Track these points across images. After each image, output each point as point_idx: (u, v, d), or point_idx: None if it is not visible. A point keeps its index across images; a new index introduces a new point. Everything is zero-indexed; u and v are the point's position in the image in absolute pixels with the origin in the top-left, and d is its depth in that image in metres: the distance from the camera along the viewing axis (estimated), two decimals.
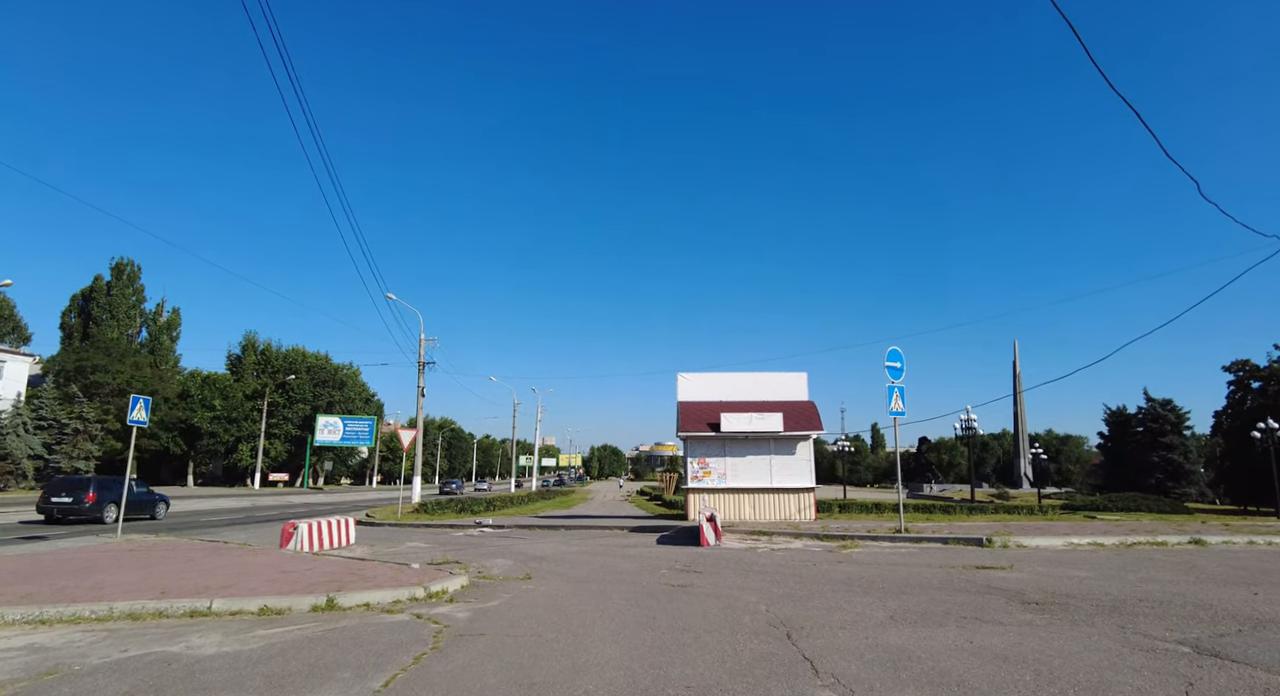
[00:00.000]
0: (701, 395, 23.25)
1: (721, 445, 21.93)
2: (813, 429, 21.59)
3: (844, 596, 8.91)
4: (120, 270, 75.82)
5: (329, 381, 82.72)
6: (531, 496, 46.81)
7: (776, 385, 23.28)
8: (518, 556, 13.84)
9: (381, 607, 8.24)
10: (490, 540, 17.55)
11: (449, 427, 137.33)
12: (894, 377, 16.10)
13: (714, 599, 8.84)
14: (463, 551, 14.86)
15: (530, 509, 33.78)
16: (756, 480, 21.66)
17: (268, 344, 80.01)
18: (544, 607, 8.38)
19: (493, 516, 27.18)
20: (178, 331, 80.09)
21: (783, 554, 13.59)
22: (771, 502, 21.59)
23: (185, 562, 11.37)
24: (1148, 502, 32.40)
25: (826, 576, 10.65)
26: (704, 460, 21.89)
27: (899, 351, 16.24)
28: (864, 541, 15.29)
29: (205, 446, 67.93)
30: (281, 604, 7.90)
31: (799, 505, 21.54)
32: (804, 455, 21.84)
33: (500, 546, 15.89)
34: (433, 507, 29.38)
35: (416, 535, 19.33)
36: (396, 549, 15.75)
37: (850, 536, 15.78)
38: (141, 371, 58.46)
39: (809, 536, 16.25)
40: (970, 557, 12.55)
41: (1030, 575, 10.47)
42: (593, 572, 11.47)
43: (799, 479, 21.66)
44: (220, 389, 69.38)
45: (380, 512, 27.82)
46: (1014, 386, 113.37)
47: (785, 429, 21.33)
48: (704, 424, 21.80)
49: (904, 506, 26.60)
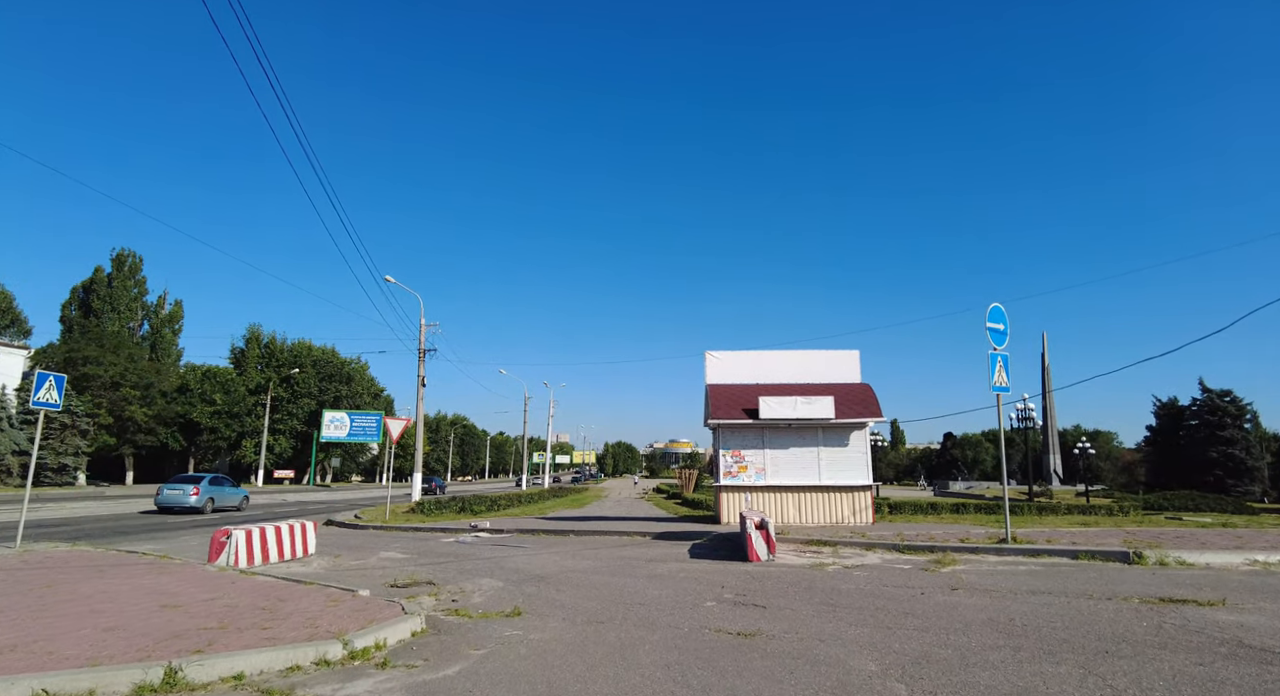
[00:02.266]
0: (734, 376, 19.84)
1: (760, 435, 18.52)
2: (869, 415, 18.12)
3: (1013, 662, 5.51)
4: (121, 261, 73.64)
5: (336, 376, 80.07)
6: (543, 494, 43.64)
7: (823, 365, 19.81)
8: (511, 575, 10.58)
9: (258, 685, 4.97)
10: (483, 549, 14.32)
11: (461, 424, 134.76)
12: (996, 343, 12.59)
13: (805, 664, 5.49)
14: (443, 567, 11.63)
15: (539, 508, 30.59)
16: (802, 476, 18.23)
17: (272, 337, 77.43)
18: (531, 679, 5.09)
19: (495, 517, 23.98)
20: (180, 324, 77.92)
21: (863, 574, 10.20)
22: (820, 503, 18.16)
23: (43, 590, 8.19)
24: (1207, 502, 28.63)
25: (953, 616, 7.25)
26: (739, 453, 18.50)
27: (1001, 309, 12.73)
28: (962, 555, 11.80)
29: (205, 442, 65.39)
30: (76, 686, 4.62)
31: (854, 506, 18.09)
32: (858, 447, 18.38)
33: (493, 559, 12.63)
34: (430, 507, 26.26)
35: (398, 541, 16.15)
36: (364, 561, 12.56)
37: (939, 547, 12.28)
38: (136, 364, 55.96)
39: (884, 547, 12.79)
40: (1134, 583, 9.07)
41: (1272, 619, 6.98)
42: (609, 605, 8.15)
43: (853, 475, 18.20)
44: (221, 383, 66.83)
45: (369, 513, 24.73)
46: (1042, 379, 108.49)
47: (837, 415, 17.88)
48: (738, 410, 18.41)
49: (936, 506, 23.18)
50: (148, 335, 74.30)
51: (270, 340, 77.21)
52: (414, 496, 32.40)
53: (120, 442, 55.49)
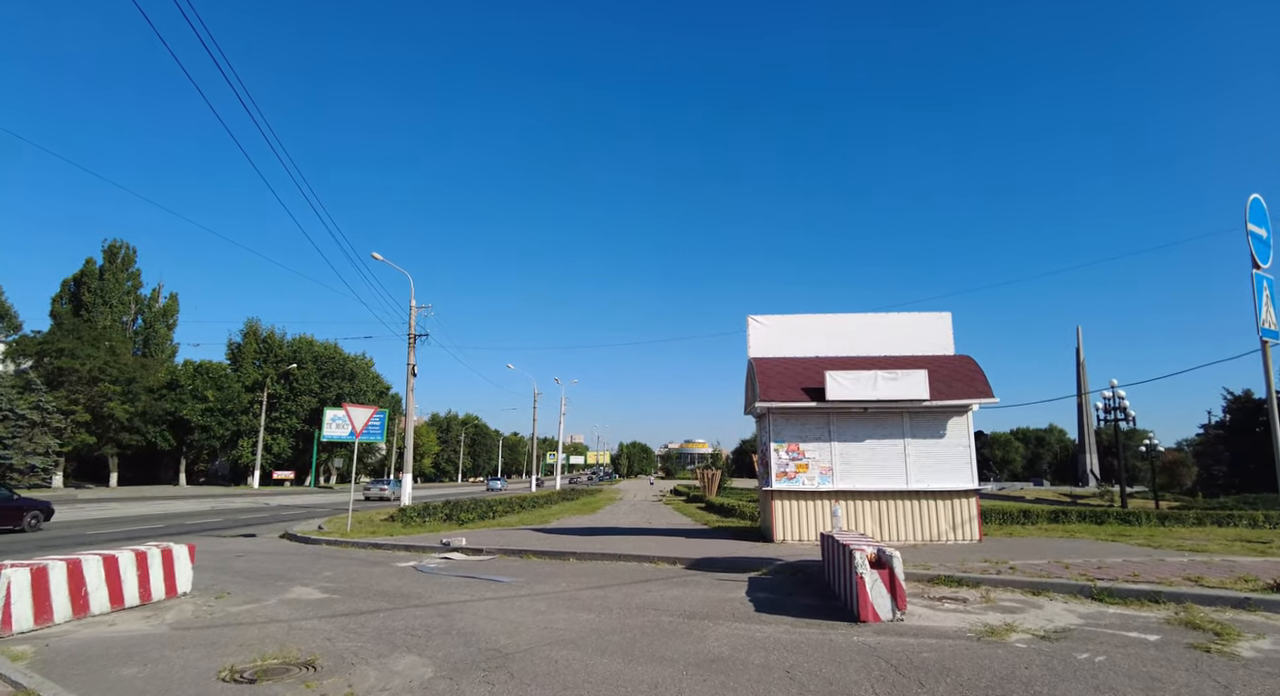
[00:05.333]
0: (786, 347, 15.23)
1: (824, 423, 13.90)
2: (974, 396, 13.45)
3: None
4: (114, 253, 70.36)
5: (338, 372, 76.23)
6: (551, 497, 39.23)
7: (902, 331, 15.13)
8: (455, 647, 6.11)
9: None
10: (441, 585, 9.85)
11: (473, 424, 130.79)
12: (1259, 258, 7.84)
13: None
14: (358, 624, 7.18)
15: (541, 515, 26.19)
16: (883, 478, 13.59)
17: (271, 331, 73.70)
18: None
19: (483, 528, 19.57)
20: (175, 319, 74.62)
21: (1086, 657, 5.60)
22: (909, 514, 13.51)
23: None
24: None
25: None
26: (796, 447, 13.88)
27: (1262, 203, 7.98)
28: (1220, 609, 7.12)
29: (197, 441, 61.72)
30: None
31: (954, 517, 13.42)
32: (959, 438, 13.72)
33: (443, 608, 8.16)
34: (413, 515, 21.96)
35: (335, 568, 11.75)
36: (253, 608, 8.17)
37: (1167, 594, 7.58)
38: (118, 358, 52.29)
39: (1060, 589, 8.06)
40: None
41: None
42: None
43: (952, 475, 13.54)
44: (214, 379, 63.16)
45: (333, 524, 20.46)
46: (1077, 376, 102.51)
47: (931, 396, 13.24)
48: (796, 389, 13.80)
49: (1030, 513, 17.95)
50: (140, 330, 71.03)
51: (269, 335, 73.51)
52: (403, 500, 28.27)
53: (102, 442, 51.88)
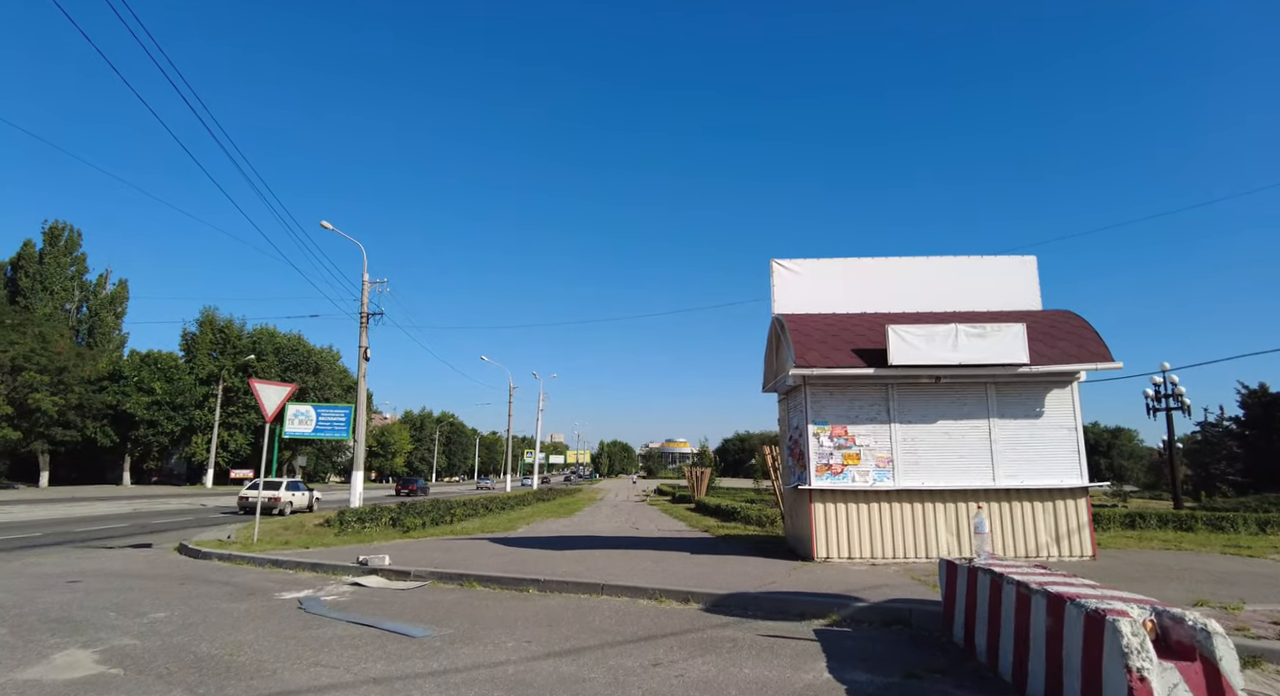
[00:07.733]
0: (827, 300, 11.60)
1: (883, 397, 10.30)
2: (1088, 359, 9.94)
3: None
4: (55, 235, 65.14)
5: (301, 365, 71.41)
6: (524, 497, 35.42)
7: (971, 281, 11.58)
8: None
9: None
10: (311, 646, 6.10)
11: (448, 421, 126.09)
12: None
13: None
14: None
15: (509, 520, 22.42)
16: (961, 472, 10.03)
17: (229, 321, 68.75)
18: None
19: (435, 536, 15.78)
20: (124, 307, 69.41)
21: None
22: (996, 521, 9.96)
23: None
24: None
25: None
26: (844, 430, 10.26)
27: None
28: None
29: (143, 437, 56.83)
30: None
31: (1057, 525, 9.90)
32: (1062, 417, 10.20)
33: None
34: (352, 520, 18.03)
35: (192, 598, 7.90)
36: None
37: None
38: (48, 345, 47.39)
39: None
40: None
41: None
42: None
43: (1055, 468, 10.02)
44: (163, 370, 58.26)
45: (247, 531, 16.52)
46: None
47: (1032, 360, 9.72)
48: (845, 351, 10.19)
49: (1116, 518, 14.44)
50: (85, 318, 65.88)
51: (226, 324, 68.49)
52: (352, 502, 24.37)
53: (30, 437, 47.00)
